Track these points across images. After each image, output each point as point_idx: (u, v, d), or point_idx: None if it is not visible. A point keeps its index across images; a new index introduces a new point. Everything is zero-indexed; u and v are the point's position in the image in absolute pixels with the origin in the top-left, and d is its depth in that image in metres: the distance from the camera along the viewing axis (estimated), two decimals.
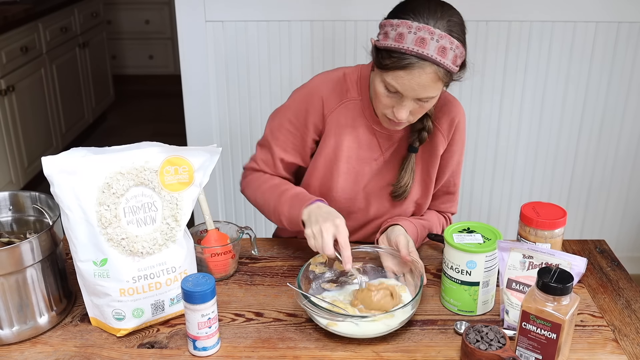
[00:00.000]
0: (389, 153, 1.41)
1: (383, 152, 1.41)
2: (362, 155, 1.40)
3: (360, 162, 1.41)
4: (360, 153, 1.40)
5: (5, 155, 3.08)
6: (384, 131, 1.39)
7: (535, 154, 2.47)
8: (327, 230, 1.21)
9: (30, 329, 1.16)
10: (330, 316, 1.12)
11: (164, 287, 1.18)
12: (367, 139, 1.39)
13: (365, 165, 1.41)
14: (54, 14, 3.54)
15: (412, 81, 1.19)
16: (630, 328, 1.20)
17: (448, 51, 1.17)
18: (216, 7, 2.25)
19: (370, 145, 1.40)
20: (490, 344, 1.06)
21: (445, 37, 1.16)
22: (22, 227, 1.29)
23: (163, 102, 4.85)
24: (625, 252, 2.61)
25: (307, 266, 1.25)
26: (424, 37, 1.16)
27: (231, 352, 1.13)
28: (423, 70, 1.17)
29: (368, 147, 1.40)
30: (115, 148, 1.17)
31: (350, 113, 1.38)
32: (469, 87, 2.35)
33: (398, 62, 1.18)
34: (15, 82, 3.14)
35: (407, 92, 1.21)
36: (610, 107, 2.39)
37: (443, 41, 1.16)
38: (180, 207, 1.18)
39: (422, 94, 1.21)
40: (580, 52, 2.30)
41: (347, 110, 1.38)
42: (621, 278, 1.36)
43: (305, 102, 1.39)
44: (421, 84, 1.19)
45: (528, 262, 1.14)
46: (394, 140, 1.40)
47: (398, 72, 1.19)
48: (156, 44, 5.26)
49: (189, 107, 2.39)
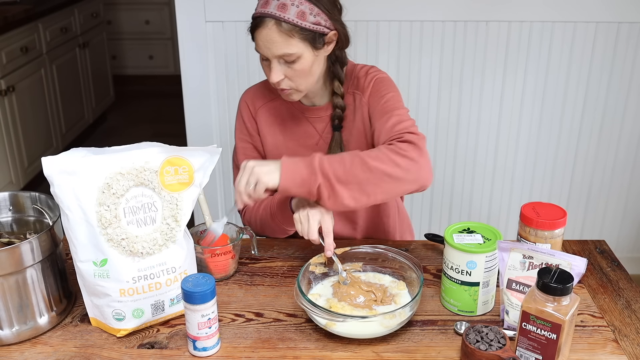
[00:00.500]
0: (328, 135, 1.47)
1: (320, 134, 1.47)
2: (302, 141, 1.48)
3: (303, 148, 1.47)
4: (300, 140, 1.48)
5: (6, 156, 3.08)
6: (313, 115, 1.46)
7: (536, 154, 2.46)
8: (314, 216, 1.26)
9: (30, 330, 1.16)
10: (330, 316, 1.12)
11: (164, 288, 1.18)
12: (302, 127, 1.48)
13: (307, 150, 1.45)
14: (54, 14, 3.54)
15: (262, 39, 1.30)
16: (630, 328, 1.20)
17: (289, 7, 1.27)
18: (216, 7, 2.25)
19: (306, 131, 1.48)
20: (490, 345, 1.06)
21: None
22: (22, 227, 1.29)
23: (163, 103, 4.85)
24: (625, 252, 2.62)
25: (307, 267, 1.25)
26: (267, 1, 1.28)
27: (231, 353, 1.13)
28: (266, 26, 1.28)
29: (304, 134, 1.48)
30: (115, 148, 1.17)
31: (276, 112, 1.49)
32: (469, 87, 2.35)
33: (251, 27, 1.32)
34: (16, 82, 3.14)
35: (264, 51, 1.31)
36: (611, 108, 2.39)
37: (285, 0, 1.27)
38: (180, 208, 1.18)
39: (278, 51, 1.29)
40: (580, 52, 2.30)
41: (273, 109, 1.50)
42: (621, 278, 1.36)
43: (239, 115, 1.53)
44: (270, 39, 1.28)
45: (528, 262, 1.14)
46: (326, 121, 1.46)
47: (255, 36, 1.32)
48: (156, 44, 5.26)
49: (189, 108, 2.40)
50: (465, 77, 2.34)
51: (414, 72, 2.33)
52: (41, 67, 3.43)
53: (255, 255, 1.42)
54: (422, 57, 2.31)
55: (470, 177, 2.50)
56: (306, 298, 1.14)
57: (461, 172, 2.49)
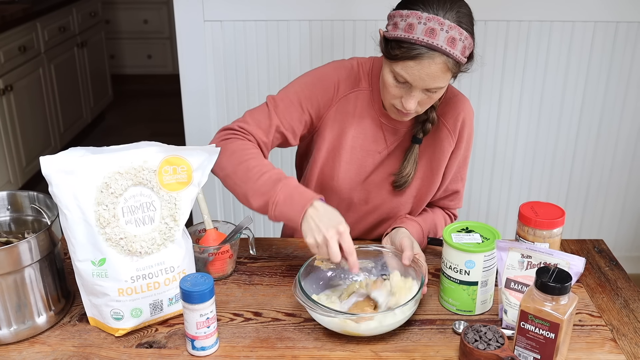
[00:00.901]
0: (393, 147, 1.42)
1: (388, 146, 1.41)
2: (366, 146, 1.41)
3: (364, 153, 1.41)
4: (365, 144, 1.41)
5: (4, 155, 3.07)
6: (391, 125, 1.39)
7: (534, 154, 2.47)
8: (332, 238, 1.16)
9: (29, 329, 1.16)
10: (325, 312, 1.12)
11: (163, 287, 1.18)
12: (373, 131, 1.40)
13: (369, 157, 1.42)
14: (52, 13, 3.54)
15: (422, 71, 1.20)
16: (628, 327, 1.20)
17: (457, 42, 1.18)
18: (215, 6, 2.25)
19: (375, 137, 1.40)
20: (488, 344, 1.06)
21: (454, 27, 1.17)
22: (20, 226, 1.29)
23: (161, 102, 4.85)
24: (623, 251, 2.62)
25: (312, 260, 1.24)
26: (433, 27, 1.17)
27: (230, 352, 1.13)
28: (433, 61, 1.18)
29: (373, 140, 1.41)
30: (114, 148, 1.17)
31: (359, 103, 1.39)
32: (467, 86, 2.35)
33: (408, 53, 1.19)
34: (14, 81, 3.14)
35: (416, 82, 1.22)
36: (609, 107, 2.39)
37: (452, 32, 1.17)
38: (179, 207, 1.18)
39: (431, 85, 1.22)
40: (578, 51, 2.30)
41: (357, 100, 1.39)
42: (619, 278, 1.36)
43: (315, 84, 1.37)
44: (430, 74, 1.20)
45: (526, 261, 1.14)
46: (400, 135, 1.41)
47: (408, 63, 1.20)
48: (155, 43, 5.25)
49: (187, 107, 2.39)
50: (464, 76, 2.33)
51: None
52: (39, 67, 3.43)
53: (254, 255, 1.42)
54: None
55: (469, 176, 2.50)
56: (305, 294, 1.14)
57: None
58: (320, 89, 1.38)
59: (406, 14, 1.19)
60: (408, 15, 1.19)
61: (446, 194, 1.51)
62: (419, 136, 1.39)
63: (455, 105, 1.42)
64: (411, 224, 1.39)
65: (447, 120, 1.41)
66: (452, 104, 1.41)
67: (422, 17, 1.17)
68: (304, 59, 2.32)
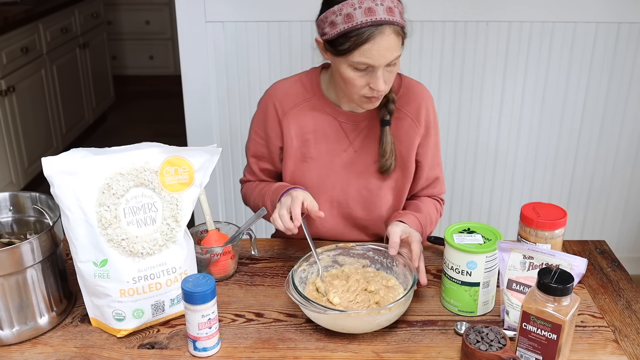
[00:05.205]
0: (357, 142, 1.44)
1: (351, 142, 1.44)
2: (330, 148, 1.44)
3: (329, 155, 1.44)
4: (328, 147, 1.44)
5: (6, 156, 3.08)
6: (349, 122, 1.43)
7: (536, 155, 2.46)
8: (283, 204, 1.29)
9: (31, 330, 1.16)
10: (315, 309, 1.12)
11: (164, 288, 1.18)
12: (334, 132, 1.44)
13: (334, 157, 1.44)
14: (54, 14, 3.54)
15: (380, 48, 1.23)
16: (630, 329, 1.20)
17: (394, 9, 1.24)
18: (216, 7, 2.25)
19: (337, 137, 1.44)
20: (490, 345, 1.06)
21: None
22: (22, 227, 1.29)
23: (163, 103, 4.85)
24: (625, 252, 2.61)
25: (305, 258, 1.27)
26: (369, 6, 1.22)
27: (231, 353, 1.13)
28: (384, 34, 1.23)
29: (335, 140, 1.44)
30: (116, 149, 1.17)
31: (309, 113, 1.43)
32: (469, 88, 2.35)
33: (359, 38, 1.23)
34: (16, 82, 3.14)
35: (378, 60, 1.25)
36: (611, 108, 2.39)
37: (386, 3, 1.23)
38: (181, 208, 1.18)
39: (391, 57, 1.26)
40: (580, 52, 2.30)
41: (306, 111, 1.43)
42: (621, 279, 1.36)
43: (262, 112, 1.47)
44: (387, 47, 1.24)
45: (528, 262, 1.14)
46: (360, 129, 1.44)
47: (362, 47, 1.23)
48: (156, 44, 5.26)
49: (189, 108, 2.39)
50: (466, 78, 2.34)
51: (414, 72, 2.33)
52: (41, 68, 3.43)
53: (255, 256, 1.42)
54: (422, 57, 2.31)
55: (471, 177, 2.50)
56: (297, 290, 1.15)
57: (461, 172, 2.49)
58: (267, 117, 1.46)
59: (338, 8, 1.24)
60: (340, 8, 1.24)
61: (428, 183, 1.53)
62: (387, 118, 1.42)
63: (415, 95, 1.45)
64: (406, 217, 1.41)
65: (408, 110, 1.44)
66: (410, 94, 1.45)
67: (355, 3, 1.22)
68: (305, 60, 2.31)
